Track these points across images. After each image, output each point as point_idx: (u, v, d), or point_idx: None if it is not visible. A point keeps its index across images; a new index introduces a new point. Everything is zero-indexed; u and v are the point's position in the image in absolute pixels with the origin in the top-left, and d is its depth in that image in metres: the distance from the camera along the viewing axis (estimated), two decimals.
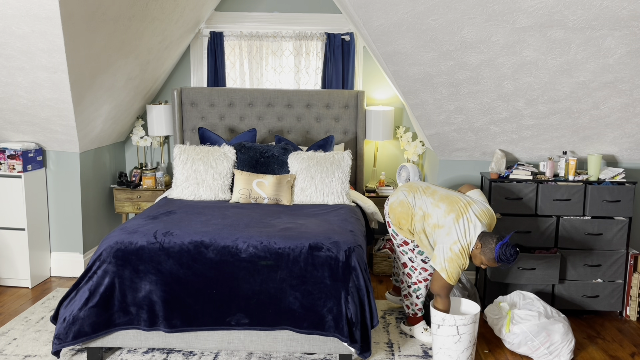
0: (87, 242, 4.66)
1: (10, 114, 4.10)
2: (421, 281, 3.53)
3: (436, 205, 3.31)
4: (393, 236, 3.53)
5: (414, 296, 3.55)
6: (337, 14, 4.93)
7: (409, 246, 3.49)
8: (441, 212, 3.26)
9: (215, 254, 3.14)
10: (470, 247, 3.17)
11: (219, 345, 3.19)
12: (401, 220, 3.42)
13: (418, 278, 3.53)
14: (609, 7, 2.92)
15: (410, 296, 3.57)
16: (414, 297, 3.55)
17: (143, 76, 4.59)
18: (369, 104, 5.06)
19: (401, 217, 3.42)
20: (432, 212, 3.30)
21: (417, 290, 3.54)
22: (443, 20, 3.11)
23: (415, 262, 3.51)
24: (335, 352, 3.16)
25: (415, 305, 3.56)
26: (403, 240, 3.49)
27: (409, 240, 3.46)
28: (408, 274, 3.55)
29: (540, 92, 3.58)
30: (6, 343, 3.46)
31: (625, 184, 3.86)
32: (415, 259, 3.50)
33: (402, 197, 3.46)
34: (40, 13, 3.19)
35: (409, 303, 3.58)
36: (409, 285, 3.55)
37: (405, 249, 3.51)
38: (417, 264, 3.51)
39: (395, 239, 3.52)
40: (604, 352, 3.48)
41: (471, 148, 4.16)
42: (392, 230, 3.50)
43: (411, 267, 3.53)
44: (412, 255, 3.51)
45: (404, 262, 3.55)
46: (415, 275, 3.52)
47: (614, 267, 3.87)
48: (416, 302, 3.56)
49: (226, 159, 4.21)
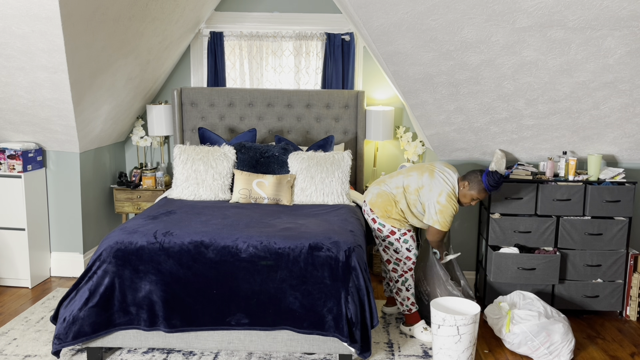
0: (87, 242, 4.66)
1: (10, 114, 4.10)
2: (407, 271, 3.58)
3: (408, 175, 3.58)
4: (379, 230, 3.57)
5: (403, 290, 3.59)
6: (337, 14, 4.93)
7: (395, 236, 3.55)
8: (415, 177, 3.54)
9: (215, 254, 3.14)
10: (455, 191, 3.47)
11: (219, 345, 3.19)
12: (387, 208, 3.53)
13: (403, 269, 3.58)
14: (609, 7, 2.92)
15: (400, 291, 3.60)
16: (404, 290, 3.59)
17: (143, 76, 4.59)
18: (369, 104, 5.06)
19: (386, 205, 3.53)
20: (408, 182, 3.55)
21: (405, 282, 3.58)
22: (443, 20, 3.11)
23: (400, 253, 3.56)
24: (335, 352, 3.16)
25: (407, 300, 3.59)
26: (390, 231, 3.55)
27: (396, 230, 3.52)
28: (393, 269, 3.60)
29: (540, 92, 3.58)
30: (6, 343, 3.46)
31: (625, 184, 3.86)
32: (401, 249, 3.56)
33: (375, 190, 3.63)
34: (40, 13, 3.19)
35: (401, 300, 3.61)
36: (397, 279, 3.60)
37: (391, 240, 3.56)
38: (402, 254, 3.57)
39: (382, 232, 3.56)
40: (604, 352, 3.48)
41: (471, 148, 4.16)
42: (379, 223, 3.56)
43: (395, 260, 3.58)
44: (397, 245, 3.56)
45: (388, 258, 3.60)
46: (400, 267, 3.58)
47: (614, 267, 3.87)
48: (407, 296, 3.59)
49: (226, 159, 4.21)
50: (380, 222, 3.56)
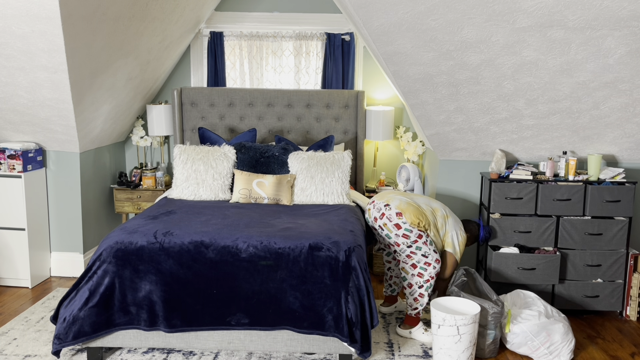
0: (87, 242, 4.66)
1: (10, 114, 4.10)
2: (433, 277, 3.49)
3: (431, 201, 3.69)
4: (405, 236, 3.45)
5: (425, 295, 3.50)
6: (337, 14, 4.93)
7: (422, 239, 3.46)
8: (439, 205, 3.66)
9: (215, 254, 3.14)
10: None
11: (219, 345, 3.19)
12: (419, 217, 3.49)
13: (431, 274, 3.47)
14: (609, 7, 2.92)
15: (422, 297, 3.50)
16: (425, 296, 3.50)
17: (143, 76, 4.59)
18: (369, 104, 5.06)
19: (417, 214, 3.49)
20: (436, 206, 3.64)
21: (429, 288, 3.49)
22: (443, 20, 3.11)
23: (429, 256, 3.46)
24: (335, 352, 3.16)
25: (422, 306, 3.52)
26: (418, 235, 3.46)
27: (423, 234, 3.48)
28: (419, 274, 3.48)
29: (540, 92, 3.58)
30: (6, 343, 3.46)
31: (625, 184, 3.86)
32: (429, 252, 3.47)
33: (404, 199, 3.58)
34: (40, 13, 3.19)
35: (418, 305, 3.52)
36: (421, 285, 3.48)
37: (419, 245, 3.46)
38: (432, 257, 3.47)
39: (409, 237, 3.45)
40: (604, 352, 3.48)
41: (471, 148, 4.16)
42: (405, 229, 3.44)
43: (424, 265, 3.46)
44: (426, 249, 3.47)
45: (414, 263, 3.48)
46: (428, 272, 3.46)
47: (614, 267, 3.87)
48: (427, 301, 3.52)
49: (226, 159, 4.21)
50: (407, 228, 3.44)
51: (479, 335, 3.33)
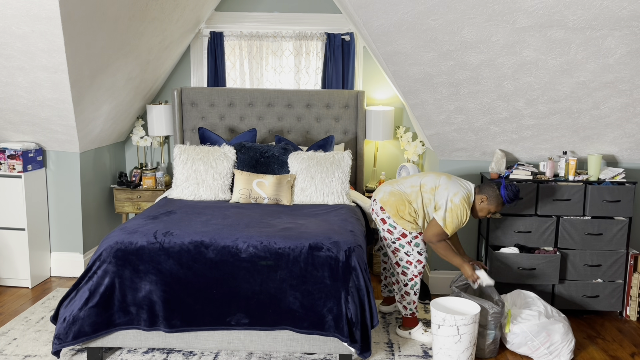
0: (87, 242, 4.66)
1: (10, 114, 4.10)
2: (417, 275, 3.52)
3: (424, 176, 3.56)
4: (389, 231, 3.50)
5: (411, 293, 3.54)
6: (337, 14, 4.93)
7: (406, 239, 3.48)
8: (432, 177, 3.52)
9: (215, 254, 3.14)
10: (471, 198, 3.42)
11: (219, 345, 3.19)
12: (399, 207, 3.46)
13: (414, 272, 3.51)
14: (609, 7, 2.92)
15: (407, 295, 3.55)
16: (411, 294, 3.54)
17: (143, 76, 4.59)
18: (369, 104, 5.06)
19: (398, 205, 3.46)
20: (425, 182, 3.51)
21: (414, 287, 3.53)
22: (443, 20, 3.11)
23: (411, 256, 3.50)
24: (335, 352, 3.16)
25: (412, 304, 3.55)
26: (401, 233, 3.48)
27: (407, 232, 3.47)
28: (403, 272, 3.53)
29: (540, 92, 3.58)
30: (6, 343, 3.46)
31: (625, 184, 3.86)
32: (412, 252, 3.50)
33: (387, 189, 3.56)
34: (40, 13, 3.19)
35: (406, 303, 3.56)
36: (406, 283, 3.54)
37: (402, 243, 3.49)
38: (414, 257, 3.50)
39: (392, 234, 3.49)
40: (604, 352, 3.48)
41: (471, 148, 4.16)
42: (389, 224, 3.48)
43: (406, 263, 3.51)
44: (409, 248, 3.49)
45: (397, 261, 3.53)
46: (411, 270, 3.51)
47: (614, 267, 3.87)
48: (414, 300, 3.55)
49: (226, 159, 4.21)
50: (391, 224, 3.48)
51: (479, 336, 3.33)
